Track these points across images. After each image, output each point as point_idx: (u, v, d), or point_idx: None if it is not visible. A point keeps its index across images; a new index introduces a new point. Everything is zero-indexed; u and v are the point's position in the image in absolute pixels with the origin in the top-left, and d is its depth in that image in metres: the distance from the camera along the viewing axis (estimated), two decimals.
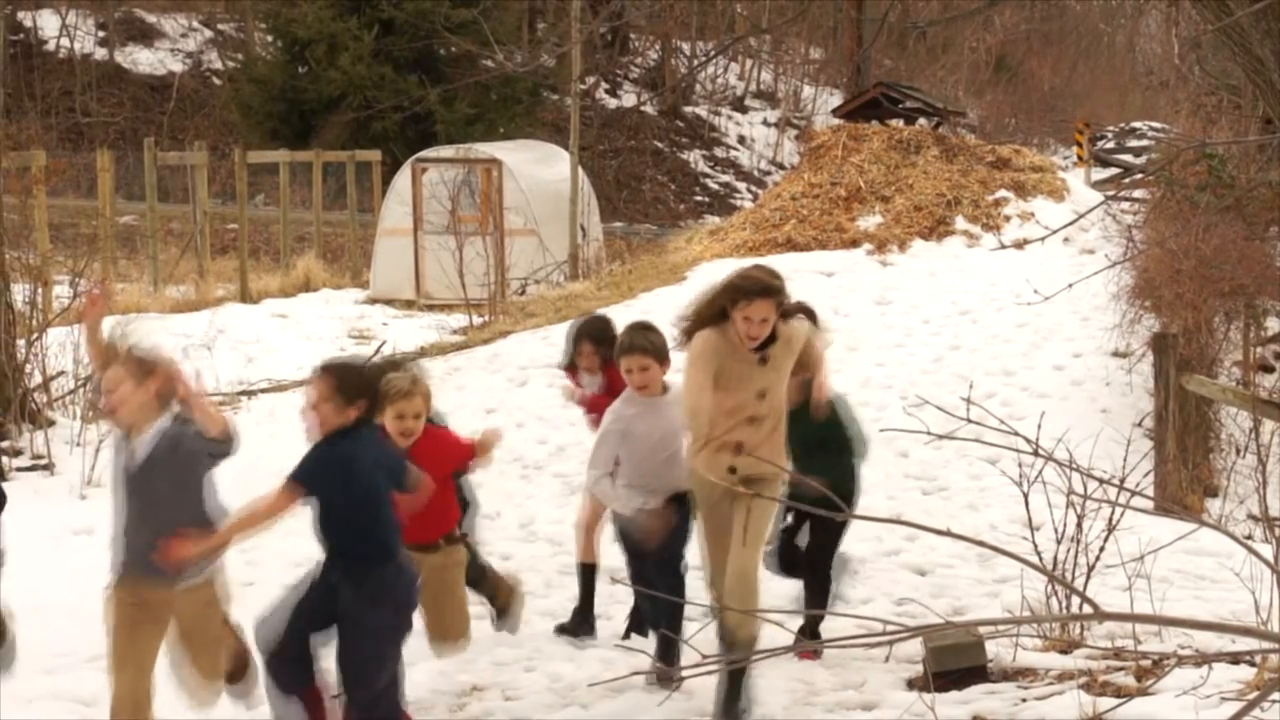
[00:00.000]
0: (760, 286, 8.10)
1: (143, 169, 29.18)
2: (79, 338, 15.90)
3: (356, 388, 7.27)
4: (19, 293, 15.98)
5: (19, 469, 14.22)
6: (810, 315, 8.65)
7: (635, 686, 8.44)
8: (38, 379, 15.63)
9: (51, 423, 15.20)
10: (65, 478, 13.81)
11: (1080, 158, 40.15)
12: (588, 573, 9.97)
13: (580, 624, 9.93)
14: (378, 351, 20.08)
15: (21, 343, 15.46)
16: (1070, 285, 11.77)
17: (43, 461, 14.40)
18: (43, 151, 26.13)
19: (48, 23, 53.00)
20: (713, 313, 8.24)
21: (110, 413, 7.20)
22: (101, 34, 53.81)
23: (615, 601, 10.13)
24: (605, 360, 10.02)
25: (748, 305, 8.04)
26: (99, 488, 13.40)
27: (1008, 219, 22.77)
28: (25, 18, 51.83)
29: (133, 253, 30.47)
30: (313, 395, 7.29)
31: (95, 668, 9.30)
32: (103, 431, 14.32)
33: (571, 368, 10.50)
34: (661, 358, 8.70)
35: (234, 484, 7.96)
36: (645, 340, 8.72)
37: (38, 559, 11.70)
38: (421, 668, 9.26)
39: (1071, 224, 14.57)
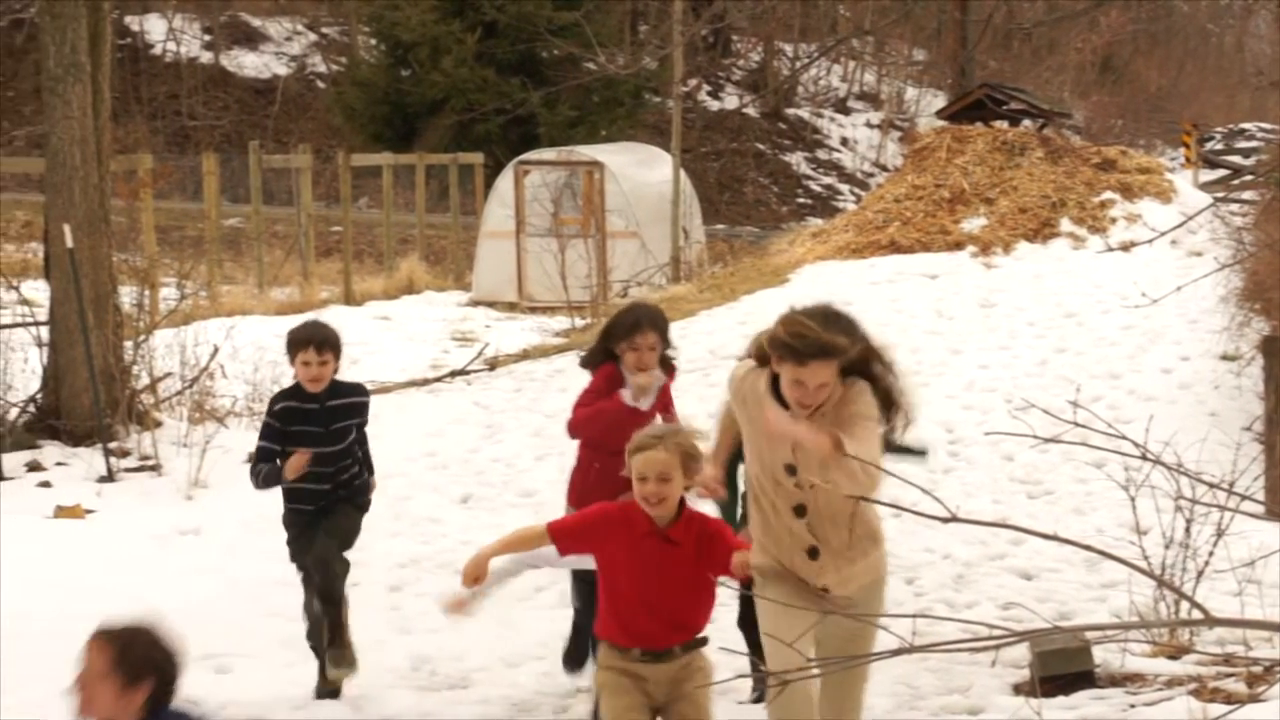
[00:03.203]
0: (816, 346, 6.18)
1: (248, 172, 29.42)
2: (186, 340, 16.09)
3: (145, 660, 5.42)
4: (126, 295, 16.16)
5: (126, 469, 14.34)
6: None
7: (736, 690, 8.41)
8: (145, 380, 15.79)
9: (159, 424, 15.34)
10: (172, 478, 13.92)
11: (1188, 159, 39.79)
12: None
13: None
14: (479, 355, 20.13)
15: (129, 344, 15.62)
16: (1179, 288, 11.66)
17: (150, 462, 14.52)
18: (149, 155, 26.49)
19: (154, 26, 53.51)
20: (758, 354, 6.53)
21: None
22: (207, 38, 54.27)
23: (719, 604, 10.09)
24: (665, 358, 8.59)
25: (799, 368, 6.19)
26: (205, 489, 13.54)
27: (1114, 221, 22.58)
28: (132, 22, 52.33)
29: (238, 255, 30.71)
30: (86, 668, 5.43)
31: (202, 667, 9.38)
32: (209, 432, 14.47)
33: (604, 365, 8.57)
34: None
35: None
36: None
37: (145, 559, 11.83)
38: (526, 669, 9.30)
39: (1179, 226, 14.45)
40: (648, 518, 6.52)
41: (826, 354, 6.13)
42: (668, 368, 8.58)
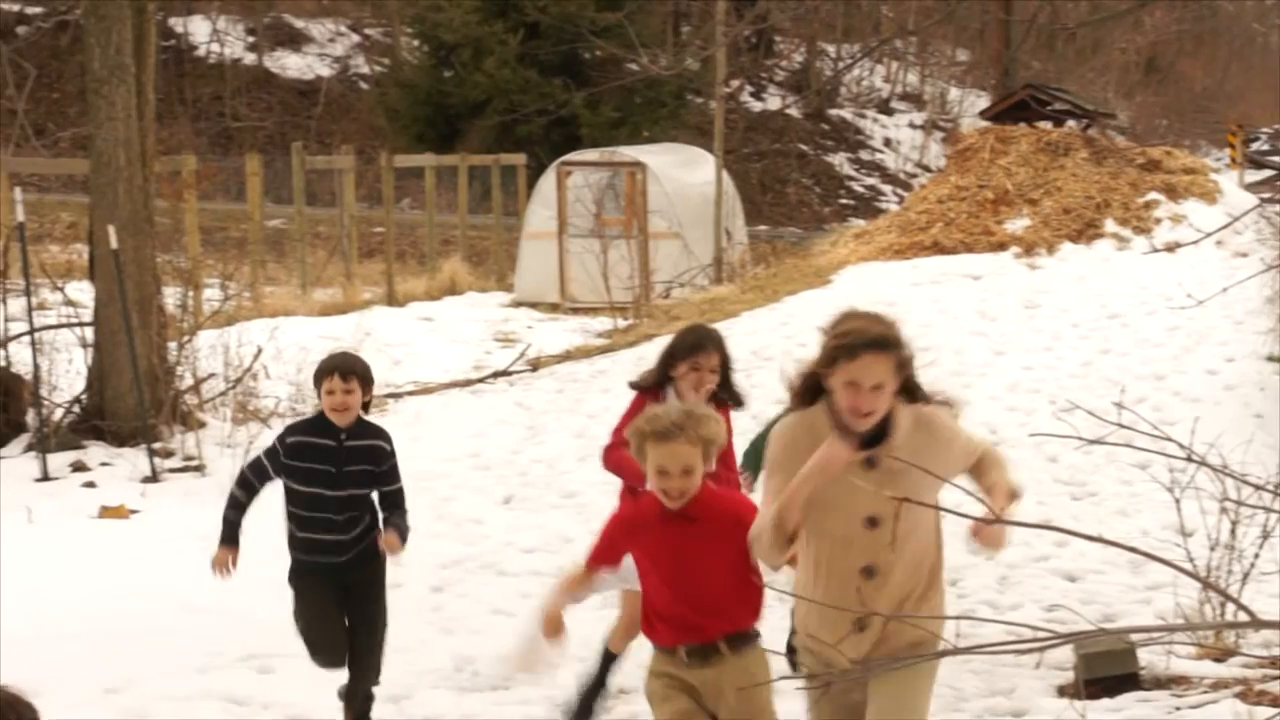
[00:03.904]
0: (868, 337, 5.58)
1: (291, 173, 29.46)
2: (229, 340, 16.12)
3: None
4: (170, 296, 16.21)
5: (171, 470, 14.39)
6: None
7: (785, 691, 8.38)
8: (189, 381, 15.83)
9: (202, 424, 15.39)
10: (216, 479, 13.94)
11: (1233, 160, 39.60)
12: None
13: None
14: (522, 355, 20.14)
15: (173, 345, 15.67)
16: (1224, 289, 11.62)
17: (194, 463, 14.57)
18: (193, 156, 26.60)
19: (198, 28, 53.74)
20: (806, 386, 5.77)
21: None
22: (251, 39, 54.48)
23: (765, 606, 10.07)
24: (727, 380, 8.17)
25: (851, 363, 5.54)
26: None
27: (1158, 222, 22.46)
28: (176, 24, 52.56)
29: (281, 256, 30.77)
30: None
31: (247, 667, 9.42)
32: (253, 433, 14.49)
33: (646, 393, 8.10)
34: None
35: None
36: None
37: (189, 559, 11.84)
38: (570, 670, 9.26)
39: (1225, 227, 14.34)
40: (655, 500, 6.04)
41: (880, 345, 5.53)
42: (734, 398, 8.19)
